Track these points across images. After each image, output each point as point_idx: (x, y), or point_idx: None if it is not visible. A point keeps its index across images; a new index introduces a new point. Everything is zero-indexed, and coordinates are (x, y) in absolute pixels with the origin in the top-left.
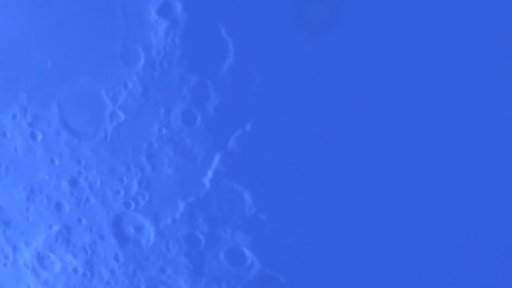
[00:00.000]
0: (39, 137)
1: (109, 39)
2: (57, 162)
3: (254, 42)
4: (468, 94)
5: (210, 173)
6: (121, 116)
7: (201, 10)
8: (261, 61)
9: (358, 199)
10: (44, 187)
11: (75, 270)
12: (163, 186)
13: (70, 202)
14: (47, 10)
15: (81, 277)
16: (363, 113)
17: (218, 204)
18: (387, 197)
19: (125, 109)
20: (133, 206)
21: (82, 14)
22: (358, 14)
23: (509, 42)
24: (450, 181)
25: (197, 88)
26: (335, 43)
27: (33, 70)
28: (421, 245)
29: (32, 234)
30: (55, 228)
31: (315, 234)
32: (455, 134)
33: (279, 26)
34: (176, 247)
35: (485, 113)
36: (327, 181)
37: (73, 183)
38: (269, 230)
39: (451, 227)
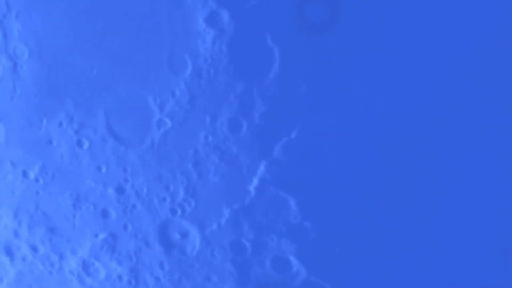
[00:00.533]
0: (86, 144)
1: (156, 47)
2: (103, 170)
3: (299, 50)
4: (468, 93)
5: (255, 181)
6: (168, 124)
7: (248, 19)
8: (306, 69)
9: (405, 206)
10: (90, 194)
11: (119, 278)
12: (209, 193)
13: (116, 209)
14: (93, 19)
15: (126, 285)
16: (363, 113)
17: (263, 211)
18: (425, 205)
19: (172, 117)
20: (179, 212)
21: (129, 22)
22: (358, 14)
23: (509, 42)
24: (450, 181)
25: (243, 95)
26: (335, 43)
27: (79, 78)
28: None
29: (78, 242)
30: (101, 235)
31: (360, 241)
32: (455, 134)
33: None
34: (222, 254)
35: (485, 113)
36: (372, 188)
37: (120, 190)
38: (314, 238)
39: (451, 227)
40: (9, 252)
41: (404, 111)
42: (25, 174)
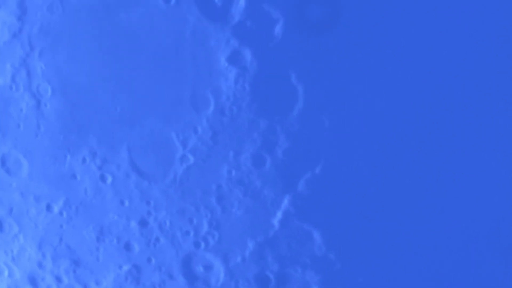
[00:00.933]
0: (109, 179)
1: (179, 85)
2: (126, 203)
3: (324, 88)
4: (468, 93)
5: (279, 214)
6: (190, 159)
7: (271, 57)
8: (330, 106)
9: (425, 238)
10: (113, 227)
11: None
12: (233, 226)
13: (140, 242)
14: (117, 57)
15: None
16: (363, 114)
17: (287, 243)
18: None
19: (194, 153)
20: (202, 245)
21: (153, 61)
22: (358, 14)
23: (509, 42)
24: (450, 181)
25: (267, 132)
26: (335, 43)
27: (103, 115)
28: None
29: (102, 274)
30: (125, 268)
31: (384, 273)
32: (455, 134)
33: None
34: (246, 286)
35: (485, 113)
36: (395, 220)
37: (143, 223)
38: (338, 269)
39: (451, 227)
40: (33, 283)
41: (410, 118)
42: (49, 208)
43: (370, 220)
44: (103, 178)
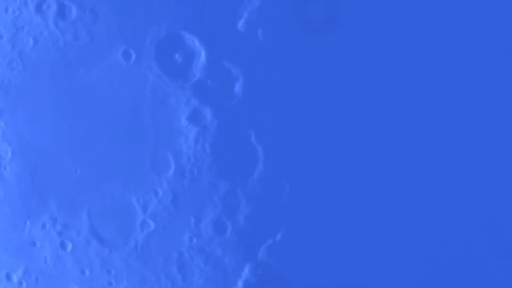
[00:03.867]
0: (69, 246)
1: (139, 146)
2: (87, 273)
3: (283, 149)
4: (468, 94)
5: (240, 284)
6: (151, 225)
7: (230, 116)
8: (290, 170)
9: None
10: None
11: None
12: None
13: None
14: (77, 118)
15: None
16: (363, 115)
17: None
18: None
19: (155, 218)
20: None
21: (113, 122)
22: (358, 14)
23: (509, 42)
24: (451, 181)
25: (228, 196)
26: (335, 44)
27: (63, 179)
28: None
29: None
30: None
31: None
32: (455, 134)
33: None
34: None
35: (485, 113)
36: (368, 275)
37: None
38: None
39: (451, 227)
40: None
41: (404, 110)
42: (8, 277)
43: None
44: (63, 245)
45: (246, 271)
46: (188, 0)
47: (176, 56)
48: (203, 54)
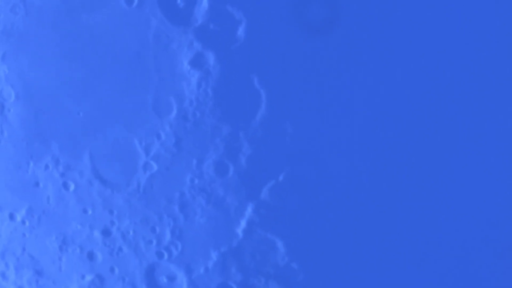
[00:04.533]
0: (72, 187)
1: (142, 90)
2: (89, 212)
3: (286, 93)
4: (468, 94)
5: (243, 223)
6: (154, 167)
7: (234, 61)
8: (292, 112)
9: (401, 243)
10: (76, 237)
11: None
12: (196, 236)
13: (103, 251)
14: (80, 62)
15: None
16: (363, 114)
17: (251, 253)
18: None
19: (157, 160)
20: (166, 256)
21: (115, 65)
22: (358, 14)
23: (509, 42)
24: (451, 181)
25: (230, 138)
26: (335, 44)
27: (66, 121)
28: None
29: (65, 284)
30: (88, 278)
31: (347, 283)
32: (455, 134)
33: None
34: None
35: (485, 113)
36: (361, 229)
37: (106, 232)
38: (301, 279)
39: (452, 227)
40: None
41: (404, 110)
42: (12, 216)
43: (334, 230)
44: (66, 186)
45: (249, 210)
46: None
47: (179, 0)
48: None
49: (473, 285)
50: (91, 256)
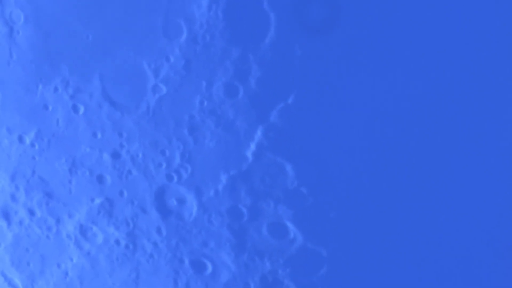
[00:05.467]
0: (81, 110)
1: (151, 12)
2: (99, 135)
3: (295, 16)
4: (468, 94)
5: (253, 146)
6: (163, 89)
7: None
8: (301, 34)
9: (399, 172)
10: (86, 159)
11: (117, 242)
12: (205, 159)
13: (112, 175)
14: None
15: (123, 249)
16: (362, 113)
17: (260, 177)
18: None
19: (167, 82)
20: (175, 179)
21: None
22: (358, 14)
23: (509, 42)
24: (451, 181)
25: (239, 61)
26: (335, 44)
27: (75, 44)
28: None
29: (75, 207)
30: (97, 200)
31: (356, 207)
32: (455, 134)
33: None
34: (219, 220)
35: (485, 113)
36: (370, 153)
37: (115, 155)
38: (311, 204)
39: (452, 227)
40: (6, 216)
41: (404, 106)
42: (21, 139)
43: (343, 154)
44: (75, 109)
45: (258, 133)
46: None
47: None
48: None
49: (473, 285)
50: (100, 179)
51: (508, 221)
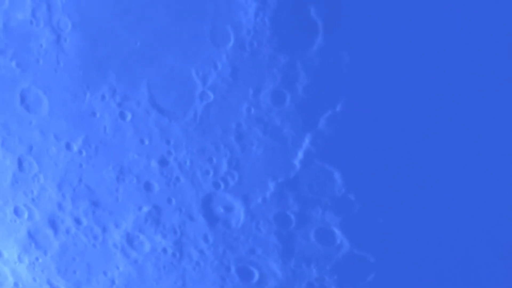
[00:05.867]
0: (128, 116)
1: (198, 19)
2: (146, 142)
3: (343, 23)
4: (468, 94)
5: (300, 154)
6: (210, 96)
7: None
8: (350, 42)
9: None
10: (133, 167)
11: (164, 251)
12: (253, 166)
13: (160, 182)
14: None
15: (170, 257)
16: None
17: (308, 184)
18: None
19: (214, 89)
20: (222, 186)
21: None
22: (358, 14)
23: (509, 42)
24: (451, 181)
25: (287, 68)
26: (335, 44)
27: (123, 51)
28: None
29: (121, 215)
30: (145, 209)
31: (404, 214)
32: (454, 134)
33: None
34: (266, 227)
35: (485, 113)
36: (417, 160)
37: (163, 163)
38: (358, 210)
39: (452, 227)
40: (53, 225)
41: (406, 122)
42: (68, 146)
43: (391, 161)
44: (122, 116)
45: (306, 141)
46: None
47: None
48: None
49: (473, 285)
50: (148, 187)
51: (508, 221)
